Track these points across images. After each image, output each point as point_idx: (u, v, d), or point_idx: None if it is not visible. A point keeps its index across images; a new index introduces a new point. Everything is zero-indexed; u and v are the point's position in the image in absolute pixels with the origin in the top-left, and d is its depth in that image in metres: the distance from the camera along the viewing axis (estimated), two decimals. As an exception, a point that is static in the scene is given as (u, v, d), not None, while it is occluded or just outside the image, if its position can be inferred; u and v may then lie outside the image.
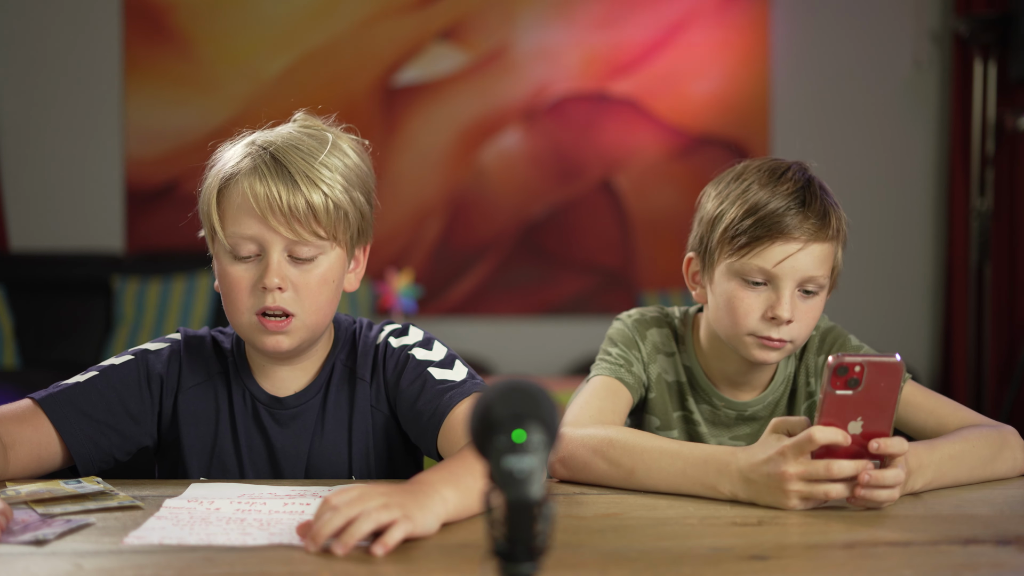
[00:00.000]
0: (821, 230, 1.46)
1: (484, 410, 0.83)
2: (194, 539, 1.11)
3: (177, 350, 1.49)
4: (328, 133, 1.44)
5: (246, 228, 1.37)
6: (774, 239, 1.45)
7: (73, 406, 1.40)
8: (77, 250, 4.68)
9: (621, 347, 1.57)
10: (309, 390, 1.47)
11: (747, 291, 1.47)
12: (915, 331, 4.87)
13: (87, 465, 1.41)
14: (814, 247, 1.46)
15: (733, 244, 1.47)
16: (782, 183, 1.47)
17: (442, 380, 1.43)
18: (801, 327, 1.48)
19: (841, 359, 1.20)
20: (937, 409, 1.53)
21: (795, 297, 1.46)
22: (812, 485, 1.23)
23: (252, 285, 1.38)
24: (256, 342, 1.41)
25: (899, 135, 4.86)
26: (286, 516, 1.20)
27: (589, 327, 4.79)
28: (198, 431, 1.46)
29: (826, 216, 1.47)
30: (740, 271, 1.47)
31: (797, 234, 1.44)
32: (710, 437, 1.58)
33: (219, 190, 1.39)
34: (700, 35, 4.81)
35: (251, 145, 1.41)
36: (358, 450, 1.47)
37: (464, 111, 4.78)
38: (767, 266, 1.45)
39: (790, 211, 1.45)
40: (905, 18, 4.82)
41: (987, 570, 1.05)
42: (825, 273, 1.48)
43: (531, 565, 0.79)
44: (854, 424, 1.22)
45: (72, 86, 4.72)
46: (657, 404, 1.59)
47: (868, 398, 1.21)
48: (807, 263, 1.45)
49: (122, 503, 1.26)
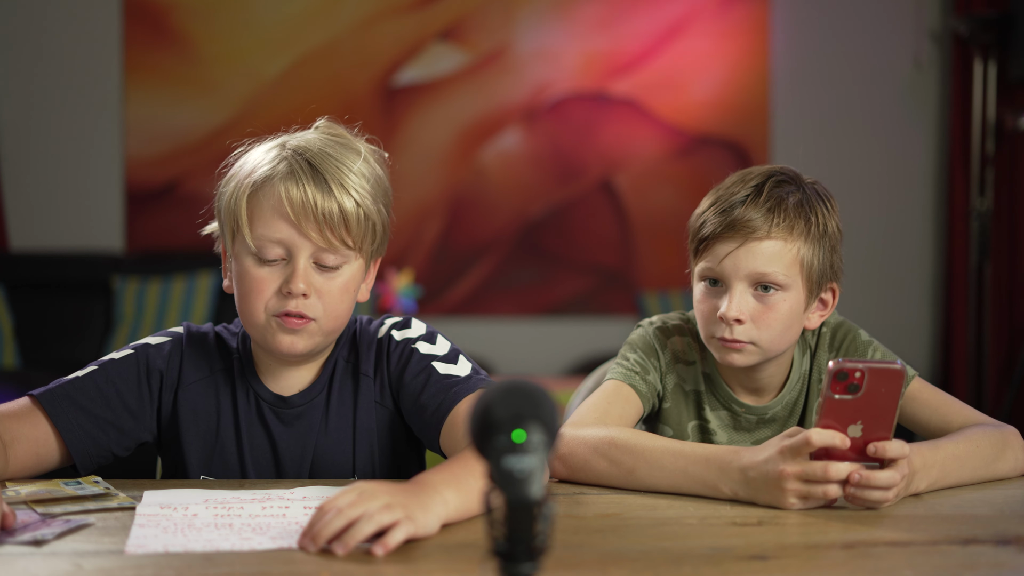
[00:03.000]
0: (763, 225, 1.43)
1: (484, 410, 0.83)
2: (199, 546, 1.10)
3: (179, 344, 1.48)
4: (355, 142, 1.44)
5: (276, 231, 1.37)
6: (722, 235, 1.44)
7: (71, 401, 1.40)
8: (77, 250, 4.68)
9: (640, 354, 1.56)
10: (313, 388, 1.47)
11: (706, 293, 1.48)
12: (915, 331, 4.87)
13: (85, 460, 1.41)
14: (764, 244, 1.43)
15: (693, 246, 1.49)
16: (743, 184, 1.46)
17: (447, 375, 1.43)
18: (761, 327, 1.45)
19: (841, 365, 1.20)
20: (942, 407, 1.53)
21: (745, 296, 1.44)
22: (810, 485, 1.24)
23: (275, 289, 1.38)
24: (270, 343, 1.40)
25: (899, 135, 4.86)
26: (273, 519, 1.19)
27: (589, 327, 4.79)
28: (198, 428, 1.46)
29: (773, 212, 1.43)
30: (701, 273, 1.48)
31: (738, 227, 1.43)
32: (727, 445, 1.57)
33: (251, 191, 1.38)
34: (700, 35, 4.81)
35: (283, 148, 1.40)
36: (362, 447, 1.47)
37: (464, 111, 4.78)
38: (713, 265, 1.45)
39: (735, 207, 1.44)
40: (905, 18, 4.82)
41: (987, 570, 1.05)
42: (781, 271, 1.44)
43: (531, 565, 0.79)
44: (854, 428, 1.23)
45: (72, 86, 4.73)
46: (671, 414, 1.58)
47: (868, 403, 1.21)
48: (749, 259, 1.43)
49: (122, 504, 1.26)
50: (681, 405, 1.58)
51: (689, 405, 1.59)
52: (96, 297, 4.52)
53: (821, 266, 1.47)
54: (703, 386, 1.58)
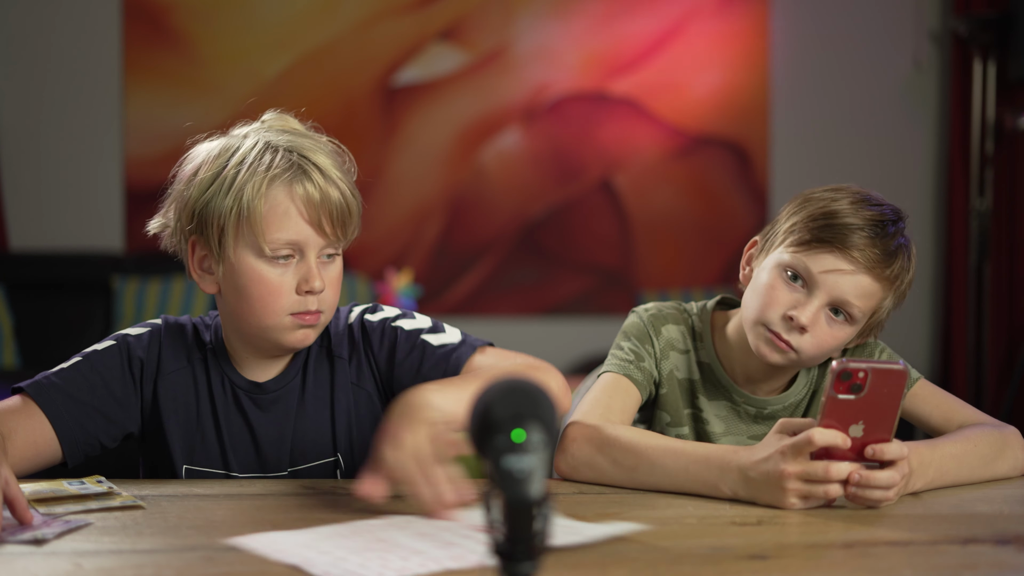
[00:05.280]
0: (879, 264, 1.45)
1: (484, 410, 0.83)
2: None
3: (157, 335, 1.49)
4: (311, 132, 1.47)
5: (291, 232, 1.38)
6: (832, 248, 1.45)
7: (57, 390, 1.41)
8: (77, 250, 4.68)
9: (634, 341, 1.57)
10: (287, 374, 1.48)
11: (784, 284, 1.47)
12: (915, 331, 4.87)
13: (73, 449, 1.41)
14: (864, 277, 1.45)
15: (796, 237, 1.48)
16: (869, 209, 1.47)
17: (441, 345, 1.46)
18: (814, 343, 1.46)
19: (845, 364, 1.20)
20: (943, 404, 1.55)
21: (821, 312, 1.46)
22: (811, 485, 1.24)
23: (292, 288, 1.39)
24: (285, 340, 1.42)
25: (899, 135, 4.86)
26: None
27: (588, 327, 4.79)
28: (179, 417, 1.47)
29: (891, 257, 1.46)
30: (788, 264, 1.48)
31: (855, 254, 1.44)
32: (721, 437, 1.58)
33: (255, 195, 1.38)
34: (700, 35, 4.81)
35: (274, 151, 1.41)
36: (341, 428, 1.48)
37: (464, 111, 4.77)
38: (813, 269, 1.45)
39: (860, 232, 1.44)
40: (905, 18, 4.82)
41: (987, 570, 1.05)
42: (862, 307, 1.46)
43: (531, 565, 0.79)
44: (855, 428, 1.23)
45: (72, 86, 4.72)
46: (669, 400, 1.59)
47: (871, 403, 1.22)
48: (849, 286, 1.45)
49: (124, 503, 1.26)
50: (677, 392, 1.59)
51: (683, 393, 1.59)
52: (96, 297, 4.52)
53: (884, 318, 1.52)
54: (697, 375, 1.59)
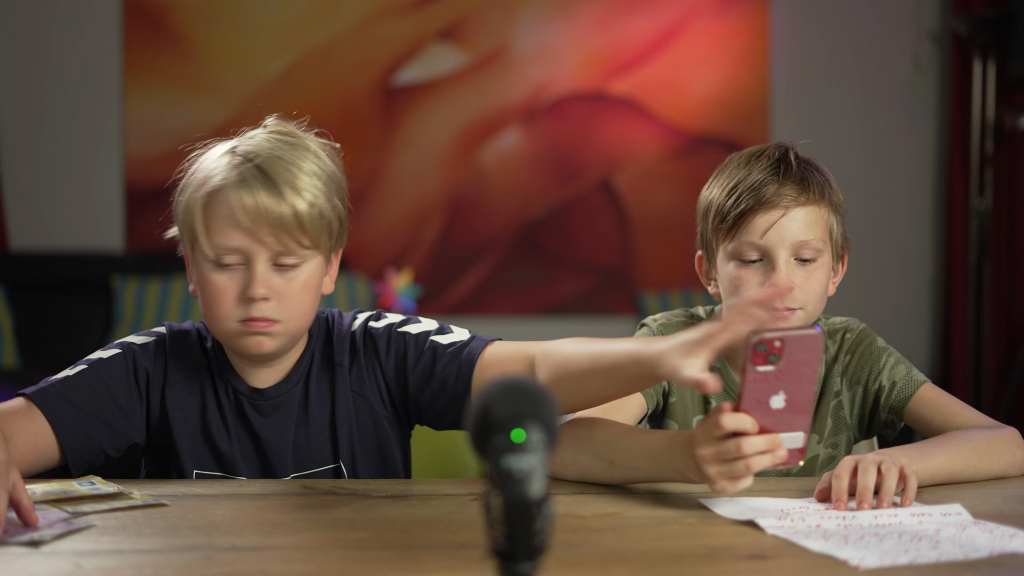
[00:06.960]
0: (802, 194, 1.49)
1: (484, 410, 0.83)
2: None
3: (162, 344, 1.50)
4: (305, 139, 1.45)
5: (232, 240, 1.38)
6: (756, 211, 1.48)
7: (62, 398, 1.41)
8: (77, 250, 4.68)
9: None
10: (289, 380, 1.48)
11: (745, 270, 1.50)
12: (914, 331, 4.87)
13: (76, 458, 1.41)
14: (798, 211, 1.49)
15: (723, 227, 1.51)
16: (759, 160, 1.53)
17: (451, 344, 1.46)
18: (807, 293, 1.49)
19: (761, 335, 1.17)
20: (944, 407, 1.56)
21: (791, 265, 1.49)
22: (730, 464, 1.19)
23: (236, 294, 1.39)
24: (238, 346, 1.42)
25: (898, 135, 4.86)
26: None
27: (588, 327, 4.79)
28: (187, 426, 1.47)
29: (805, 180, 1.50)
30: (735, 252, 1.50)
31: (777, 200, 1.48)
32: None
33: (205, 202, 1.40)
34: (699, 35, 4.81)
35: (233, 155, 1.41)
36: (343, 435, 1.48)
37: (464, 111, 4.77)
38: (755, 239, 1.48)
39: (767, 181, 1.49)
40: (904, 18, 4.82)
41: (986, 570, 1.05)
42: (818, 237, 1.50)
43: (531, 565, 0.79)
44: (776, 399, 1.21)
45: (72, 86, 4.72)
46: (677, 409, 1.59)
47: (789, 372, 1.20)
48: (794, 228, 1.48)
49: (147, 501, 1.26)
50: (687, 400, 1.59)
51: (696, 399, 1.60)
52: (96, 297, 4.52)
53: (839, 233, 1.55)
54: None
